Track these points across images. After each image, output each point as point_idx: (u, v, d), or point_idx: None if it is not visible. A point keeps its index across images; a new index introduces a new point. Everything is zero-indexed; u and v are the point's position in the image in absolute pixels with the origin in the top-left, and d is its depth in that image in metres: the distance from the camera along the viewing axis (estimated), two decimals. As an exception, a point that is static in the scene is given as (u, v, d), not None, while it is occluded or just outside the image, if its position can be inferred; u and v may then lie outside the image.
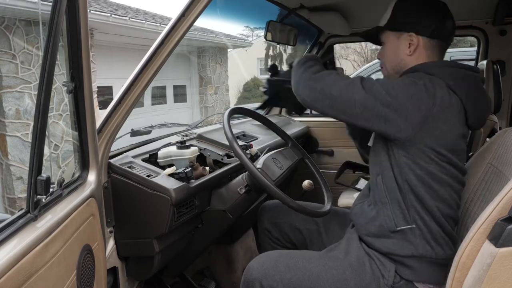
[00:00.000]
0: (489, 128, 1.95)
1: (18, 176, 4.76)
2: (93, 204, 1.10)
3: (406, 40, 1.28)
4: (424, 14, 1.27)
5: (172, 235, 1.41)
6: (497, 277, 0.80)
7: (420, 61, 1.28)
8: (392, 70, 1.35)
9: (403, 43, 1.29)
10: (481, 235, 0.86)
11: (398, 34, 1.30)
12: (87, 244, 1.03)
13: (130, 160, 1.41)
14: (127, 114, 1.26)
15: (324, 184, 1.58)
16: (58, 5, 0.83)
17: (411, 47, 1.28)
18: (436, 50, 1.30)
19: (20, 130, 4.76)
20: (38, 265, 0.79)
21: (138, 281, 1.51)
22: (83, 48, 1.00)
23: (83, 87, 1.03)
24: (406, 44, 1.28)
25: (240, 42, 10.60)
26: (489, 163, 1.33)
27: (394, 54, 1.32)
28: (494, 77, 1.94)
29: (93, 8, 5.74)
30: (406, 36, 1.28)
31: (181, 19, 1.21)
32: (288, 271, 1.27)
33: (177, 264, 1.68)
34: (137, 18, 6.67)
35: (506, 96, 2.35)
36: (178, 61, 8.71)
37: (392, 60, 1.34)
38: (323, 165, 2.67)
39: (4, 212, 4.90)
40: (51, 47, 0.82)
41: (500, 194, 0.87)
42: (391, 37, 1.32)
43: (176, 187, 1.31)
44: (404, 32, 1.28)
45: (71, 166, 1.18)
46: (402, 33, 1.28)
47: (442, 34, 1.28)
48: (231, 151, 1.68)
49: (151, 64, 1.23)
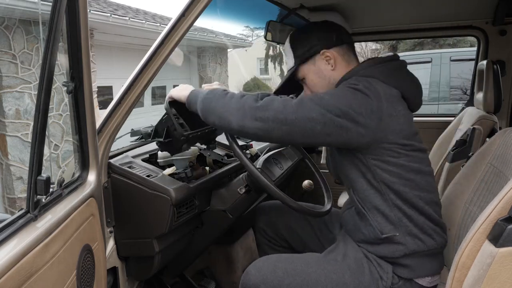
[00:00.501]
0: (489, 128, 1.95)
1: (18, 176, 4.76)
2: (93, 204, 1.10)
3: (322, 60, 1.33)
4: (321, 32, 1.34)
5: (172, 235, 1.41)
6: (497, 277, 0.80)
7: (344, 69, 1.32)
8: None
9: (322, 64, 1.33)
10: (481, 235, 0.86)
11: (312, 60, 1.34)
12: (87, 244, 1.03)
13: (130, 160, 1.41)
14: (127, 114, 1.26)
15: (324, 184, 1.58)
16: (58, 5, 0.83)
17: (331, 62, 1.32)
18: (349, 52, 1.35)
19: (20, 130, 4.76)
20: (38, 265, 0.79)
21: (138, 281, 1.52)
22: (83, 48, 1.00)
23: (83, 87, 1.03)
24: (324, 63, 1.33)
25: (240, 42, 10.59)
26: (489, 163, 1.33)
27: (320, 77, 1.35)
28: (494, 77, 1.94)
29: (93, 8, 5.74)
30: (320, 56, 1.32)
31: (181, 19, 1.20)
32: (286, 277, 1.26)
33: (177, 264, 1.68)
34: (137, 18, 6.67)
35: (506, 96, 2.35)
36: (178, 61, 8.69)
37: (322, 83, 1.35)
38: (323, 165, 2.67)
39: (4, 212, 4.90)
40: (51, 47, 0.82)
41: (500, 194, 0.87)
42: (308, 68, 1.35)
43: (176, 187, 1.31)
44: (316, 54, 1.32)
45: (71, 166, 1.18)
46: (315, 57, 1.33)
47: (344, 37, 1.35)
48: (231, 151, 1.68)
49: (151, 64, 1.23)
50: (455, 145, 1.95)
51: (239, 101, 1.17)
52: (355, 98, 1.14)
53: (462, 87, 5.88)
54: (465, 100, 4.07)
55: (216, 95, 1.22)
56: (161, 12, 20.79)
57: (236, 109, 1.16)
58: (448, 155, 1.97)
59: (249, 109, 1.14)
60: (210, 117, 1.21)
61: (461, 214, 1.35)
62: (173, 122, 1.33)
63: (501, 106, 1.99)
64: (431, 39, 10.56)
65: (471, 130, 1.91)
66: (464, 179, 1.41)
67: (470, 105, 2.40)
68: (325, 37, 1.33)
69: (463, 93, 5.82)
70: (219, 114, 1.18)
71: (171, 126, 1.34)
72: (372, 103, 1.14)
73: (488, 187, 1.30)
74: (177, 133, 1.33)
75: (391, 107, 1.16)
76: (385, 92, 1.18)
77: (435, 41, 11.23)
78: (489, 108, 1.98)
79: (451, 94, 6.10)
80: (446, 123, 2.47)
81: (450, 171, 1.90)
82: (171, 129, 1.34)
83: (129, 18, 6.27)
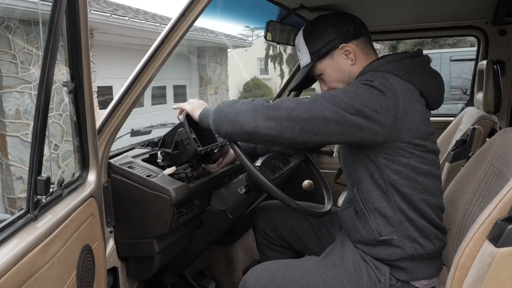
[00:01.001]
0: (489, 128, 1.95)
1: (18, 176, 4.76)
2: (93, 204, 1.10)
3: (340, 54, 1.28)
4: (337, 24, 1.28)
5: (172, 235, 1.41)
6: (497, 277, 0.80)
7: (364, 63, 1.28)
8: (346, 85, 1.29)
9: (341, 58, 1.29)
10: (481, 235, 0.86)
11: (330, 55, 1.29)
12: (87, 244, 1.03)
13: (130, 160, 1.41)
14: (127, 114, 1.26)
15: (324, 184, 1.58)
16: (58, 5, 0.83)
17: (350, 56, 1.28)
18: (368, 45, 1.31)
19: (20, 130, 4.76)
20: (38, 265, 0.79)
21: (138, 281, 1.51)
22: (83, 48, 1.00)
23: (83, 87, 1.03)
24: (343, 57, 1.29)
25: (240, 42, 10.60)
26: (489, 163, 1.33)
27: (339, 72, 1.30)
28: (494, 77, 1.94)
29: (93, 8, 5.74)
30: (338, 51, 1.28)
31: (181, 19, 1.20)
32: (285, 285, 1.25)
33: (177, 264, 1.68)
34: (137, 18, 6.67)
35: (506, 96, 2.35)
36: (178, 61, 8.71)
37: (341, 78, 1.31)
38: (323, 165, 2.67)
39: (4, 212, 4.90)
40: (51, 47, 0.82)
41: (500, 194, 0.87)
42: (326, 63, 1.31)
43: (176, 187, 1.31)
44: (334, 50, 1.28)
45: (71, 166, 1.18)
46: (333, 52, 1.28)
47: (361, 29, 1.30)
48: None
49: (151, 64, 1.23)
50: (455, 145, 1.95)
51: (251, 104, 1.16)
52: (370, 95, 1.11)
53: (462, 87, 5.88)
54: (465, 100, 4.07)
55: (228, 104, 1.20)
56: (161, 12, 20.79)
57: (248, 111, 1.14)
58: (448, 155, 1.97)
59: (261, 109, 1.13)
60: (223, 126, 1.18)
61: (461, 214, 1.35)
62: (188, 136, 1.32)
63: (501, 106, 1.99)
64: (431, 39, 10.56)
65: (471, 130, 1.91)
66: (464, 179, 1.41)
67: (470, 105, 2.40)
68: (342, 30, 1.27)
69: (463, 93, 5.83)
70: (231, 119, 1.16)
71: (185, 139, 1.33)
72: (387, 100, 1.11)
73: (488, 187, 1.30)
74: (189, 147, 1.33)
75: (407, 105, 1.13)
76: (401, 89, 1.14)
77: (435, 41, 11.24)
78: (489, 108, 1.98)
79: (451, 94, 6.10)
80: (446, 123, 2.47)
81: (450, 171, 1.90)
82: (183, 143, 1.34)
83: (129, 18, 6.28)
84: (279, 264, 1.33)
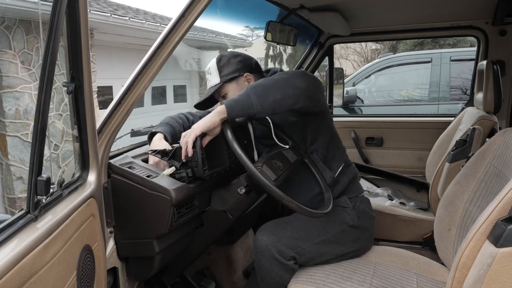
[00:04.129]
0: (489, 128, 1.95)
1: (18, 176, 4.76)
2: (93, 204, 1.10)
3: (243, 81, 1.64)
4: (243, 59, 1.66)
5: (172, 236, 1.41)
6: (497, 278, 0.80)
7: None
8: None
9: (243, 84, 1.63)
10: (481, 235, 0.86)
11: (236, 80, 1.64)
12: (87, 244, 1.03)
13: (130, 160, 1.41)
14: (127, 114, 1.26)
15: (324, 184, 1.58)
16: (58, 5, 0.83)
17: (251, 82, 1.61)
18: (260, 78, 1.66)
19: (20, 130, 4.76)
20: (38, 265, 0.79)
21: (138, 281, 1.51)
22: (83, 48, 1.00)
23: (83, 87, 1.03)
24: (245, 84, 1.62)
25: (240, 42, 10.59)
26: (489, 163, 1.33)
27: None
28: (494, 77, 1.94)
29: (93, 8, 5.74)
30: (242, 78, 1.64)
31: (181, 19, 1.21)
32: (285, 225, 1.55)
33: (177, 264, 1.68)
34: (137, 18, 6.67)
35: (506, 96, 2.35)
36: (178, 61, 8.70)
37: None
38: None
39: (4, 212, 4.90)
40: (51, 47, 0.82)
41: (500, 194, 0.87)
42: (231, 86, 1.63)
43: (176, 187, 1.31)
44: (240, 77, 1.64)
45: (71, 166, 1.18)
46: (239, 78, 1.64)
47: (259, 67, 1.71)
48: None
49: (151, 64, 1.23)
50: (455, 145, 1.95)
51: (280, 75, 1.44)
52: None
53: (462, 87, 5.88)
54: (465, 100, 4.07)
55: (258, 84, 1.38)
56: (161, 12, 20.75)
57: (291, 75, 1.43)
58: (448, 155, 1.97)
59: (294, 73, 1.46)
60: (270, 95, 1.34)
61: (461, 214, 1.35)
62: (198, 159, 1.34)
63: (501, 106, 1.99)
64: (431, 39, 10.56)
65: (471, 130, 1.91)
66: (464, 179, 1.41)
67: (470, 105, 2.41)
68: (247, 63, 1.66)
69: (463, 93, 5.82)
70: (281, 85, 1.36)
71: (194, 162, 1.35)
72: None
73: (488, 187, 1.30)
74: (197, 170, 1.35)
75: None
76: None
77: (435, 41, 11.23)
78: (489, 108, 1.98)
79: (451, 94, 6.09)
80: (446, 123, 2.48)
81: (450, 171, 1.90)
82: (192, 164, 1.36)
83: (129, 18, 6.27)
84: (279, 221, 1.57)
